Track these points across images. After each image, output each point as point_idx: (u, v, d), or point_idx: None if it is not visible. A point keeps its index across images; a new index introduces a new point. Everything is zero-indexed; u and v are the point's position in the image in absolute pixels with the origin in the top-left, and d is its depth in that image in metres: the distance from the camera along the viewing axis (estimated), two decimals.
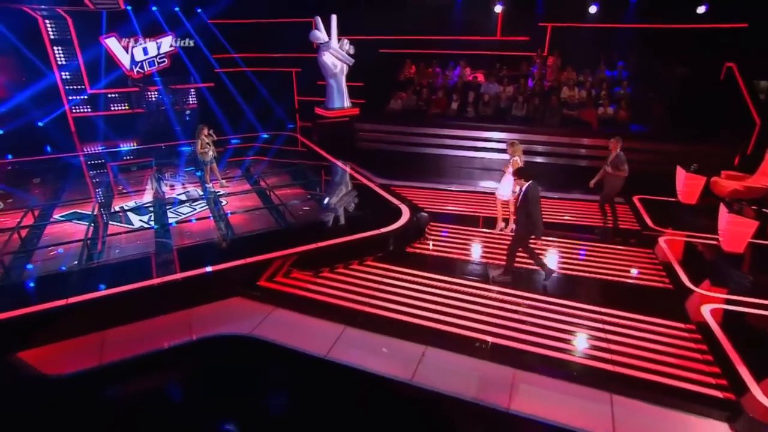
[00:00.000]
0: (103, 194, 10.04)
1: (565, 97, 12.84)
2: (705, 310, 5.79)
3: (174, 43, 15.95)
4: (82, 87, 14.77)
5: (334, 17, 13.83)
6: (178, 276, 6.25)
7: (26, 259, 7.07)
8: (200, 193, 9.95)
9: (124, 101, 15.61)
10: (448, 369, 5.00)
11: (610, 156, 7.72)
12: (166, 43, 15.86)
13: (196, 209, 9.09)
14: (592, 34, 13.50)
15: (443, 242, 7.88)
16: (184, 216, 8.75)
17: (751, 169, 9.35)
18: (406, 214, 8.25)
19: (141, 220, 8.52)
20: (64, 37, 14.18)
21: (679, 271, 6.76)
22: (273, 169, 11.58)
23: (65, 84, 14.55)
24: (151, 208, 9.06)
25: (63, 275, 6.54)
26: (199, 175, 10.66)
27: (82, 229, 8.14)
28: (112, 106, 15.45)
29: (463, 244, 7.80)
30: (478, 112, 13.43)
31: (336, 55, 14.17)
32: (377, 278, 6.67)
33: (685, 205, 9.15)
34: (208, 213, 8.87)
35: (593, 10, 13.23)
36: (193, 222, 8.49)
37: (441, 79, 14.79)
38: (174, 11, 15.51)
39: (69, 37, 14.19)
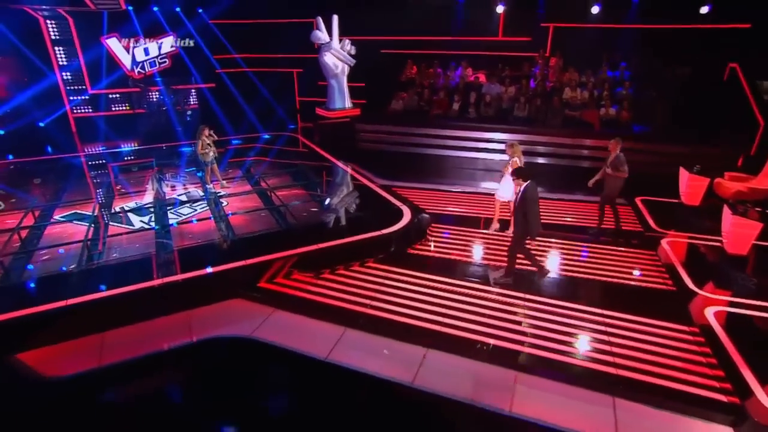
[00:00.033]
0: (104, 195, 10.02)
1: (567, 98, 12.80)
2: (708, 312, 5.74)
3: (175, 44, 15.95)
4: (83, 87, 14.80)
5: (336, 17, 13.82)
6: (178, 277, 6.24)
7: (26, 259, 7.05)
8: (201, 194, 9.93)
9: (125, 102, 15.63)
10: (450, 371, 4.97)
11: (610, 157, 7.68)
12: (167, 44, 15.87)
13: (196, 210, 9.07)
14: (595, 35, 13.46)
15: (445, 243, 7.85)
16: (185, 217, 8.73)
17: (754, 171, 9.31)
18: (407, 215, 8.23)
19: (141, 221, 8.51)
20: (66, 38, 14.21)
21: (682, 273, 6.70)
22: (274, 170, 11.57)
23: (66, 84, 14.57)
24: (152, 209, 9.04)
25: (63, 276, 6.52)
26: (200, 175, 10.64)
27: (82, 229, 8.12)
28: (113, 106, 15.48)
29: (464, 246, 7.76)
30: (480, 112, 13.42)
31: (337, 56, 14.16)
32: (378, 280, 6.64)
33: (688, 207, 9.10)
34: (209, 214, 8.85)
35: (595, 10, 13.20)
36: (194, 223, 8.47)
37: (442, 79, 14.77)
38: (175, 11, 15.52)
39: (70, 38, 14.23)
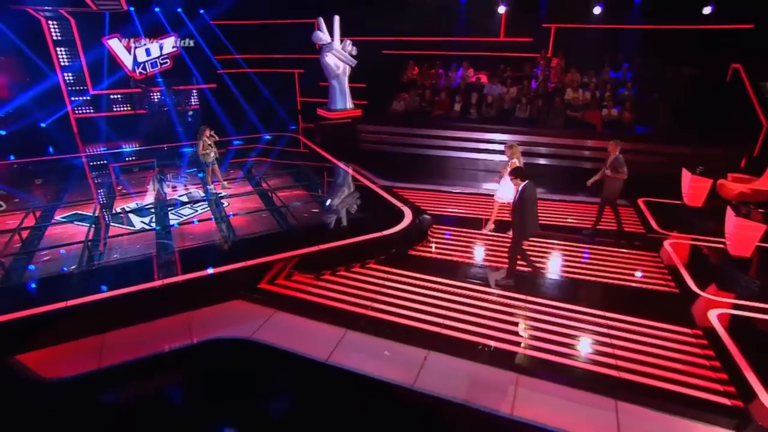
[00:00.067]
0: (105, 195, 10.02)
1: (569, 99, 12.76)
2: (712, 315, 5.71)
3: (176, 44, 15.95)
4: (85, 88, 14.81)
5: (337, 18, 13.81)
6: (178, 278, 6.23)
7: (27, 260, 7.05)
8: (202, 195, 9.92)
9: (127, 102, 15.64)
10: (451, 374, 4.94)
11: (609, 158, 7.64)
12: (169, 44, 15.88)
13: (197, 211, 9.06)
14: (597, 35, 13.42)
15: (446, 245, 7.82)
16: (186, 217, 8.71)
17: (757, 172, 9.26)
18: (408, 216, 8.21)
19: (142, 222, 8.49)
20: (67, 38, 14.24)
21: (684, 275, 6.68)
22: (275, 171, 11.56)
23: (68, 85, 14.58)
24: (153, 210, 9.03)
25: (63, 277, 6.51)
26: (201, 176, 10.64)
27: (83, 230, 8.12)
28: (114, 107, 15.50)
29: (466, 247, 7.73)
30: (481, 113, 13.39)
31: (338, 56, 14.14)
32: (379, 281, 6.62)
33: (690, 208, 9.06)
34: (210, 214, 8.83)
35: (597, 11, 13.15)
36: (195, 224, 8.46)
37: (444, 80, 14.73)
38: (176, 12, 15.53)
39: (72, 38, 14.25)
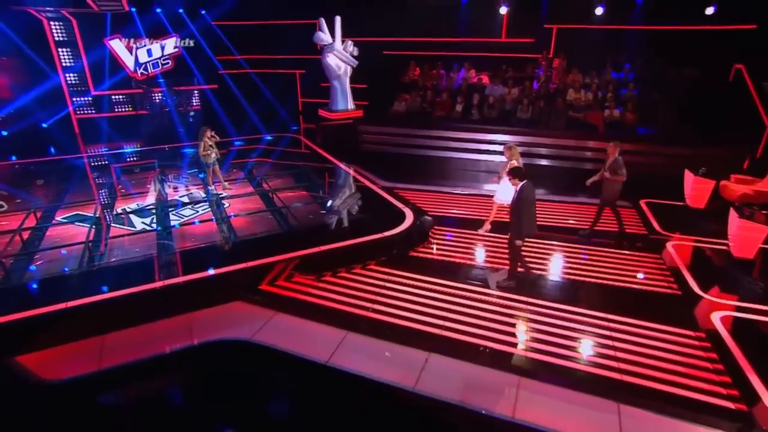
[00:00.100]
0: (106, 196, 10.01)
1: (570, 100, 12.73)
2: (715, 317, 5.67)
3: (178, 44, 15.95)
4: (86, 88, 14.82)
5: (338, 19, 13.80)
6: (179, 279, 6.21)
7: (27, 261, 7.04)
8: (203, 196, 9.91)
9: (128, 103, 15.64)
10: (452, 376, 4.92)
11: (609, 160, 7.60)
12: (170, 45, 15.87)
13: (198, 211, 9.04)
14: (598, 36, 13.39)
15: (447, 246, 7.79)
16: (187, 218, 8.70)
17: (761, 173, 9.20)
18: (409, 217, 8.18)
19: (143, 223, 8.48)
20: (69, 39, 14.25)
21: (687, 276, 6.64)
22: (276, 171, 11.54)
23: (69, 86, 14.59)
24: (154, 210, 9.02)
25: (63, 278, 6.48)
26: (202, 177, 10.62)
27: (83, 231, 8.10)
28: (115, 107, 15.50)
29: (467, 248, 7.71)
30: (483, 114, 13.36)
31: (340, 57, 14.13)
32: (380, 283, 6.60)
33: (693, 210, 9.02)
34: (211, 215, 8.82)
35: (599, 11, 13.11)
36: (196, 224, 8.44)
37: (445, 81, 14.71)
38: (178, 13, 15.53)
39: (73, 39, 14.27)
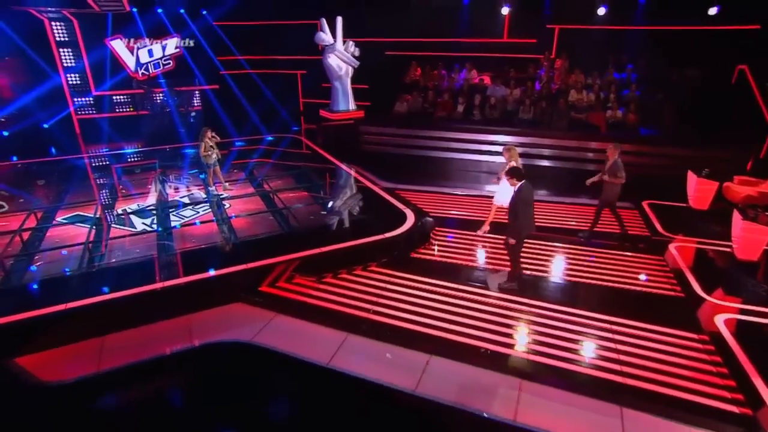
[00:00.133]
0: (107, 197, 9.99)
1: (573, 100, 12.69)
2: (718, 320, 5.62)
3: (179, 45, 15.94)
4: (87, 89, 14.82)
5: (340, 19, 13.78)
6: (179, 281, 6.18)
7: (27, 262, 7.01)
8: (204, 196, 9.89)
9: (129, 103, 15.63)
10: (453, 379, 4.88)
11: (608, 162, 7.55)
12: (171, 45, 15.86)
13: (199, 212, 9.02)
14: (601, 36, 13.33)
15: (448, 247, 7.75)
16: (188, 219, 8.68)
17: (764, 174, 9.17)
18: (411, 218, 8.15)
19: (144, 223, 8.46)
20: (70, 39, 14.24)
21: (690, 278, 6.59)
22: (277, 172, 11.51)
23: (70, 86, 14.59)
24: (154, 211, 9.00)
25: (63, 279, 6.45)
26: (203, 177, 10.60)
27: (84, 232, 8.08)
28: (116, 108, 15.49)
29: (468, 250, 7.67)
30: (485, 115, 13.33)
31: (341, 57, 14.11)
32: (381, 284, 6.56)
33: (696, 211, 8.97)
34: (211, 216, 8.79)
35: (602, 11, 13.06)
36: (197, 225, 8.42)
37: (447, 81, 14.68)
38: (179, 13, 15.52)
39: (75, 39, 14.26)
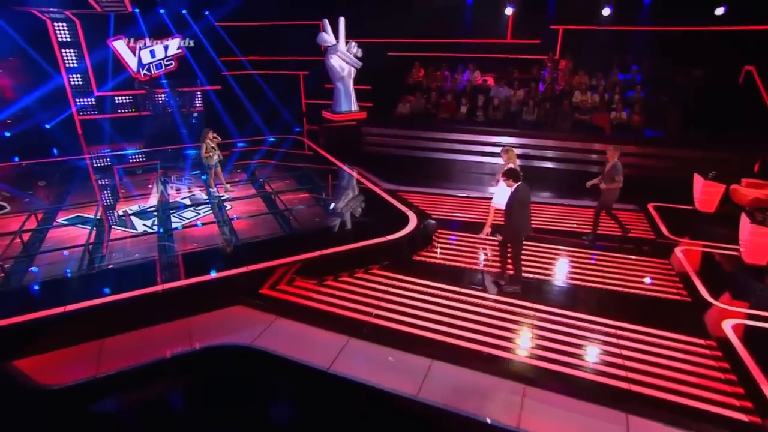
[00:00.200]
0: (108, 198, 9.96)
1: (577, 102, 12.60)
2: (726, 325, 5.53)
3: (181, 45, 15.92)
4: (90, 89, 14.82)
5: (342, 20, 13.75)
6: (178, 283, 6.12)
7: (27, 264, 6.97)
8: (205, 197, 9.84)
9: (131, 104, 15.62)
10: (455, 384, 4.81)
11: (608, 165, 7.46)
12: (173, 46, 15.84)
13: (200, 213, 8.97)
14: (605, 37, 13.23)
15: (451, 250, 7.68)
16: (189, 220, 8.63)
17: None
18: (413, 220, 8.07)
19: (144, 225, 8.41)
20: (72, 40, 14.24)
21: (697, 282, 6.50)
22: (279, 173, 11.47)
23: (73, 86, 14.58)
24: (155, 212, 8.95)
25: (62, 281, 6.41)
26: (204, 178, 10.56)
27: (84, 233, 8.04)
28: (118, 108, 15.48)
29: (471, 253, 7.60)
30: (488, 116, 13.26)
31: (343, 58, 14.06)
32: (383, 287, 6.50)
33: (702, 214, 8.87)
34: (212, 218, 8.75)
35: (606, 12, 12.97)
36: (198, 226, 8.37)
37: (450, 82, 14.62)
38: (181, 13, 15.50)
39: (77, 40, 14.25)
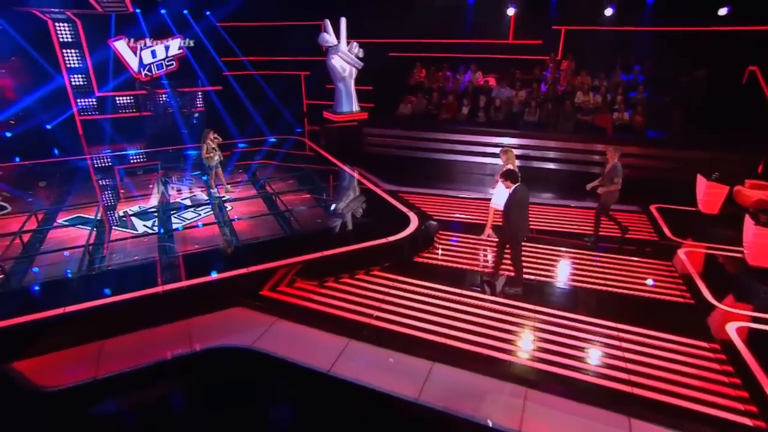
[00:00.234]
0: (108, 198, 9.94)
1: (579, 102, 12.55)
2: (730, 328, 5.48)
3: (182, 45, 15.91)
4: (90, 90, 14.81)
5: (344, 20, 13.72)
6: (178, 285, 6.09)
7: (27, 264, 6.95)
8: (206, 198, 9.82)
9: (132, 104, 15.61)
10: (456, 387, 4.77)
11: (607, 167, 7.41)
12: (174, 46, 15.82)
13: (200, 214, 8.95)
14: (608, 37, 13.17)
15: (452, 251, 7.65)
16: (189, 221, 8.61)
17: None
18: (414, 221, 8.03)
19: (145, 225, 8.39)
20: (74, 40, 14.24)
21: (700, 285, 6.46)
22: (280, 174, 11.44)
23: (74, 87, 14.58)
24: (156, 213, 8.93)
25: (62, 282, 6.38)
26: (205, 179, 10.54)
27: (85, 234, 8.02)
28: (119, 109, 15.47)
29: (473, 254, 7.56)
30: (490, 117, 13.21)
31: (345, 59, 14.03)
32: (384, 289, 6.47)
33: (705, 215, 8.83)
34: (213, 218, 8.72)
35: (609, 12, 12.91)
36: (199, 227, 8.34)
37: (451, 83, 14.58)
38: (182, 14, 15.49)
39: (78, 40, 14.25)
